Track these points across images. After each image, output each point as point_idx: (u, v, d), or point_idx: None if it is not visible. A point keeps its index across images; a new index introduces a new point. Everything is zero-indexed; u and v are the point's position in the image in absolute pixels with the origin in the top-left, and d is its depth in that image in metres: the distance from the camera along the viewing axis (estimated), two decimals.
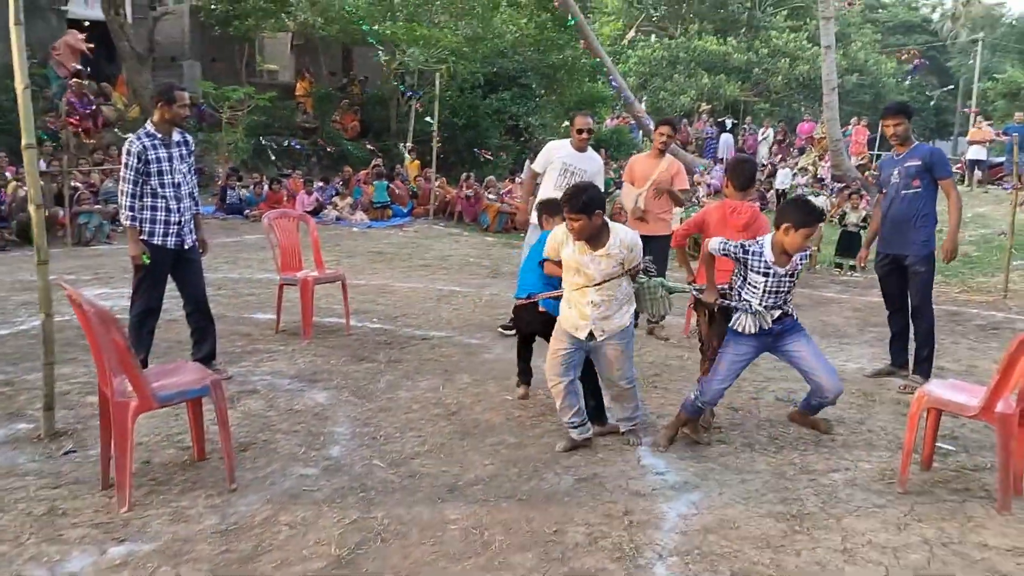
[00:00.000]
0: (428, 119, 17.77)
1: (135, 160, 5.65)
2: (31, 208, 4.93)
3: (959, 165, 22.59)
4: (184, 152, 5.95)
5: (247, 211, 15.75)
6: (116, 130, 16.21)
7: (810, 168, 23.07)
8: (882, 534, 3.90)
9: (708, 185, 21.01)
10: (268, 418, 5.31)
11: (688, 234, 5.73)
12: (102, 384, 4.13)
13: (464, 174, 18.01)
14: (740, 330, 4.82)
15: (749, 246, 4.68)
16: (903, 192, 6.31)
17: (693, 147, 26.73)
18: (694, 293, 5.25)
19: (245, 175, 17.24)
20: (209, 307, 6.19)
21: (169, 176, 5.80)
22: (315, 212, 15.98)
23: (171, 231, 5.82)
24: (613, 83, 22.78)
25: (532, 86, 21.65)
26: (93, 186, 13.44)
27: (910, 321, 6.49)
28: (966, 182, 21.65)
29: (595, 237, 4.59)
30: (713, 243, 4.83)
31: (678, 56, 32.61)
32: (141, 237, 5.73)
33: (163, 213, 5.78)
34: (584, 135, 7.26)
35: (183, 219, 5.89)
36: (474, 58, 20.53)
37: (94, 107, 16.21)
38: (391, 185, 17.33)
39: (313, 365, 6.49)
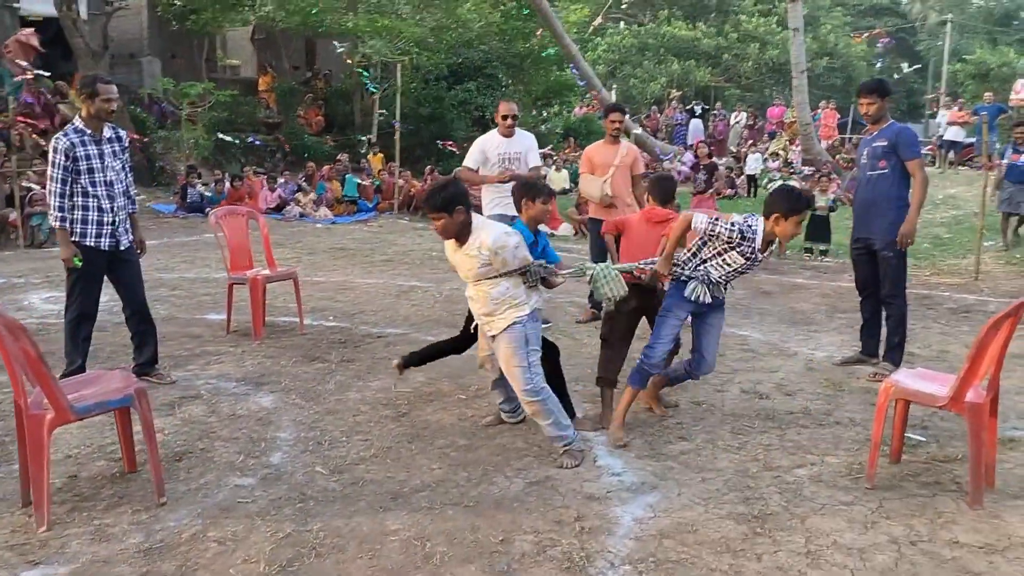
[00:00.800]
0: (383, 112, 17.45)
1: (62, 157, 5.36)
2: None
3: (930, 147, 22.46)
4: (117, 149, 5.66)
5: (208, 209, 15.37)
6: None
7: (781, 153, 22.96)
8: (848, 534, 3.69)
9: (679, 172, 20.86)
10: (208, 424, 5.04)
11: (617, 229, 5.61)
12: (17, 396, 3.85)
13: (428, 167, 17.70)
14: (694, 299, 4.74)
15: (746, 232, 4.50)
16: (869, 173, 6.11)
17: (663, 134, 26.56)
18: (644, 267, 5.01)
19: (206, 173, 16.89)
20: (149, 310, 5.92)
21: (100, 174, 5.50)
22: (278, 208, 15.71)
23: (104, 232, 5.53)
24: (573, 70, 22.52)
25: (498, 76, 21.30)
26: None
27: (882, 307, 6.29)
28: (937, 163, 21.53)
29: (462, 234, 4.47)
30: (699, 220, 4.57)
31: (647, 43, 32.48)
32: (72, 239, 5.44)
33: (95, 213, 5.49)
34: (508, 121, 7.31)
35: (117, 219, 5.60)
36: (439, 49, 20.20)
37: (48, 105, 15.77)
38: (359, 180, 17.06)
39: (262, 367, 6.23)
